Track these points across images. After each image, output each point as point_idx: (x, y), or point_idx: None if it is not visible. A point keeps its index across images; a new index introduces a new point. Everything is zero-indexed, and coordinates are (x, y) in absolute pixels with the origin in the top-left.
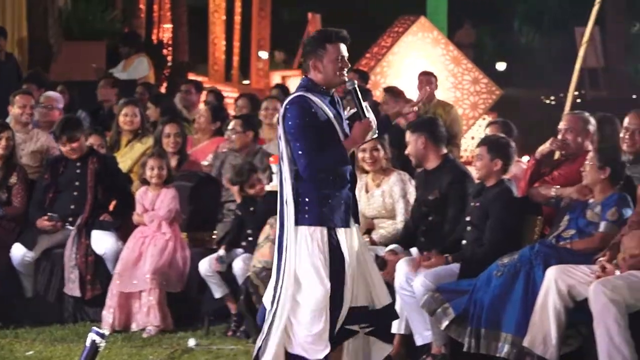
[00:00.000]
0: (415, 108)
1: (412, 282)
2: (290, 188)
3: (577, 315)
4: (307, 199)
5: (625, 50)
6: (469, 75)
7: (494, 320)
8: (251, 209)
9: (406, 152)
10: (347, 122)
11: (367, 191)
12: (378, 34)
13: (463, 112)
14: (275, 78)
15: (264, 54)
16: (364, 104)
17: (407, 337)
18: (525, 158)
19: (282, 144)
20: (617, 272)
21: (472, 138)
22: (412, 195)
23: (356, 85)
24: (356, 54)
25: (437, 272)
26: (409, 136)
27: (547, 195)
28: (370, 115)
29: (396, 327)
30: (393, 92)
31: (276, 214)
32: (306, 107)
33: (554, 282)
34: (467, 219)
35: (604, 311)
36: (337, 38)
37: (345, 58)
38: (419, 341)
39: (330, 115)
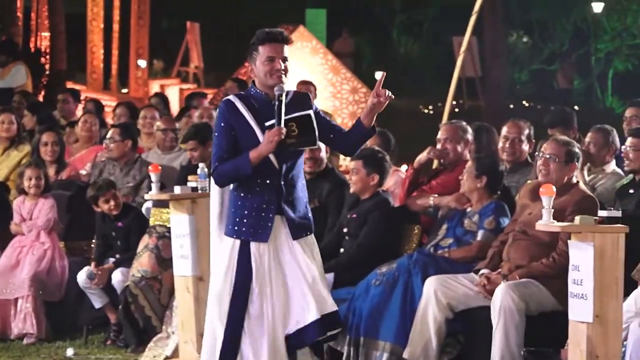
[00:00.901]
0: None
1: None
2: (216, 195)
3: (456, 325)
4: (228, 208)
5: (502, 60)
6: (347, 84)
7: (373, 329)
8: (118, 223)
9: None
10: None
11: None
12: None
13: (342, 121)
14: (154, 87)
15: (142, 63)
16: (290, 113)
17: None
18: (404, 167)
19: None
20: (503, 282)
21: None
22: None
23: (282, 92)
24: (236, 62)
25: None
26: None
27: (425, 205)
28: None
29: None
30: None
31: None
32: (224, 111)
33: (434, 294)
34: (345, 230)
35: (507, 317)
36: (267, 38)
37: (277, 59)
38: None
39: (252, 122)
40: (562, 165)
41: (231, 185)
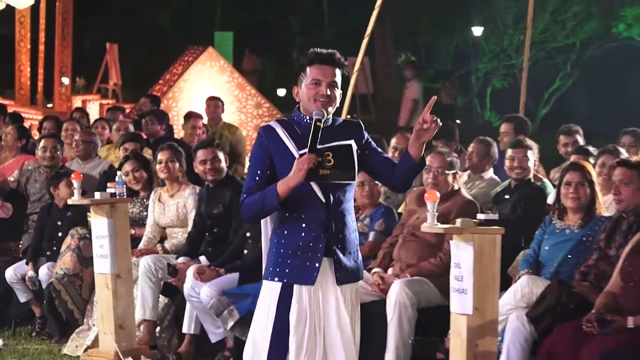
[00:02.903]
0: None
1: (199, 289)
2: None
3: None
4: (269, 248)
5: (392, 79)
6: (252, 100)
7: None
8: (67, 213)
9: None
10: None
11: (160, 202)
12: (170, 63)
13: (247, 134)
14: (77, 102)
15: (66, 80)
16: (328, 141)
17: (199, 337)
18: None
19: None
20: (396, 280)
21: None
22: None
23: (321, 117)
24: (151, 80)
25: (219, 282)
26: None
27: None
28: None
29: (187, 327)
30: (195, 115)
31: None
32: (262, 137)
33: None
34: (248, 234)
35: (402, 310)
36: (316, 59)
37: (323, 83)
38: (213, 339)
39: (293, 149)
40: (446, 175)
41: (274, 223)
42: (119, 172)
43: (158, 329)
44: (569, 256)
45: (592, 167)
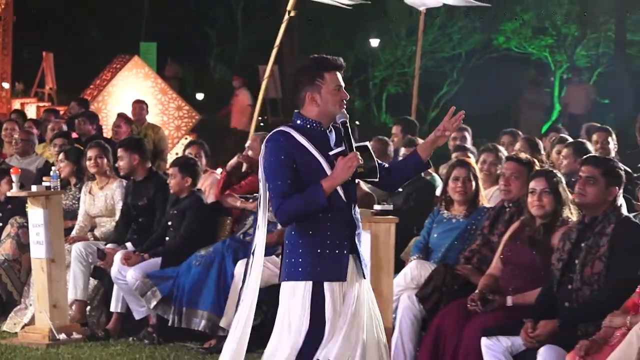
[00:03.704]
0: None
1: (125, 272)
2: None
3: (261, 297)
4: (290, 251)
5: None
6: (174, 103)
7: (194, 300)
8: (8, 206)
9: (117, 165)
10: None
11: (91, 194)
12: (99, 70)
13: (169, 133)
14: (16, 104)
15: (6, 85)
16: (356, 142)
17: (125, 315)
18: (219, 170)
19: (262, 186)
20: None
21: (177, 154)
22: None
23: (347, 119)
24: (82, 85)
25: (143, 266)
26: (120, 152)
27: (234, 205)
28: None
29: (114, 306)
30: (123, 116)
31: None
32: (283, 143)
33: (244, 274)
34: (169, 223)
35: None
36: (335, 66)
37: (342, 88)
38: (137, 316)
39: (315, 152)
40: None
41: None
42: (53, 167)
43: (88, 308)
44: (455, 242)
45: (475, 164)
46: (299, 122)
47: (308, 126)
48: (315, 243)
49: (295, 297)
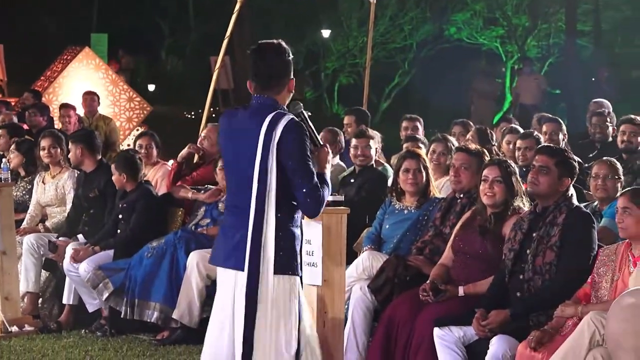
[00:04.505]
0: None
1: (77, 264)
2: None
3: (212, 289)
4: (277, 245)
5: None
6: (125, 94)
7: (146, 292)
8: None
9: (69, 156)
10: None
11: (43, 183)
12: (50, 61)
13: (120, 125)
14: None
15: None
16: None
17: (77, 307)
18: (171, 161)
19: (273, 178)
20: None
21: (128, 145)
22: None
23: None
24: (33, 76)
25: (96, 258)
26: (70, 144)
27: (185, 196)
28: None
29: (66, 298)
30: (67, 106)
31: None
32: (304, 129)
33: (196, 266)
34: (120, 216)
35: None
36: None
37: None
38: (90, 308)
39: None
40: None
41: (271, 219)
42: (3, 160)
43: (40, 300)
44: (407, 233)
45: (425, 155)
46: (282, 108)
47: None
48: (298, 238)
49: (295, 291)
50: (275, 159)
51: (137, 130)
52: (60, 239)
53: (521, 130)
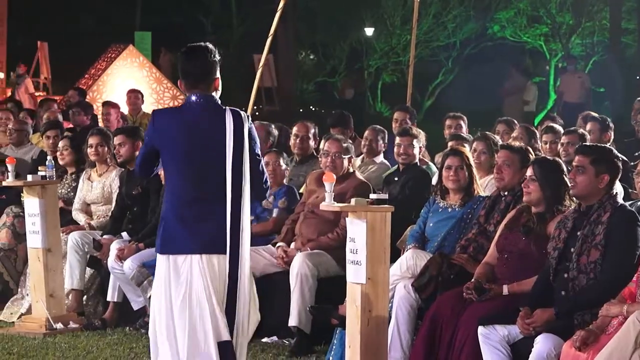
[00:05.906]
0: None
1: (122, 262)
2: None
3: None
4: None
5: (294, 73)
6: (169, 92)
7: None
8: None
9: (115, 152)
10: None
11: (89, 180)
12: (94, 59)
13: None
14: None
15: (1, 74)
16: None
17: (122, 304)
18: None
19: (253, 165)
20: (298, 253)
21: None
22: None
23: None
24: (77, 74)
25: (140, 255)
26: (122, 139)
27: None
28: None
29: (110, 296)
30: (109, 104)
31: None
32: None
33: None
34: None
35: (303, 281)
36: None
37: None
38: (135, 306)
39: None
40: (343, 159)
41: (246, 206)
42: (49, 157)
43: (85, 297)
44: (451, 231)
45: (469, 152)
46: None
47: None
48: None
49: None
50: (248, 149)
51: None
52: (104, 236)
53: (557, 129)
